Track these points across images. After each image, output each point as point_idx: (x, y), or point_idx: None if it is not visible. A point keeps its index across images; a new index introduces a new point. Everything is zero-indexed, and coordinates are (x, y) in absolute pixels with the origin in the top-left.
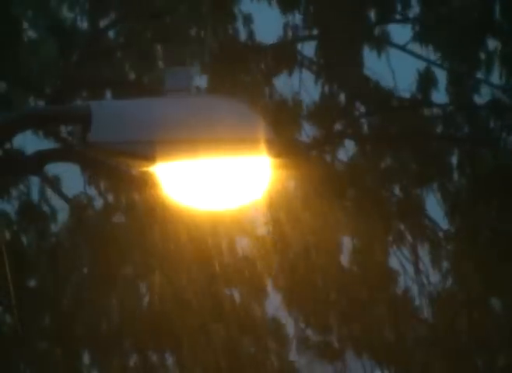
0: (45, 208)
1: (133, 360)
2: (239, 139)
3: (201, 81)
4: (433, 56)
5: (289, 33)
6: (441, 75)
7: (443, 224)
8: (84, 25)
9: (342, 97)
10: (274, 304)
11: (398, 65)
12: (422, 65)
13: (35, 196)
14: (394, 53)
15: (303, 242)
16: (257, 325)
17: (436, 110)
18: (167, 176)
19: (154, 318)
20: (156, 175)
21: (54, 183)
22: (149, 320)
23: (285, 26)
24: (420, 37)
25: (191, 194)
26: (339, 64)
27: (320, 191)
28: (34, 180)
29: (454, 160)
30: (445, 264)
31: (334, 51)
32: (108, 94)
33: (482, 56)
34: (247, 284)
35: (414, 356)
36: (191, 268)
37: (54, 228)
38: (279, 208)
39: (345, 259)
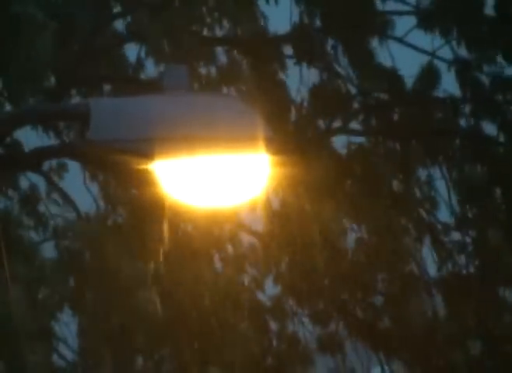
0: (45, 205)
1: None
2: (237, 136)
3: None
4: (433, 46)
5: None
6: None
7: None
8: (84, 19)
9: (344, 90)
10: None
11: (395, 57)
12: (421, 57)
13: (34, 193)
14: (391, 45)
15: (302, 237)
16: (259, 321)
17: (440, 103)
18: (166, 174)
19: (158, 318)
20: (154, 172)
21: (53, 180)
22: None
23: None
24: (425, 23)
25: (189, 192)
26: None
27: (318, 188)
28: (33, 177)
29: (458, 156)
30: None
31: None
32: (107, 91)
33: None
34: (246, 281)
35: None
36: (190, 265)
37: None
38: (279, 205)
39: (344, 256)
